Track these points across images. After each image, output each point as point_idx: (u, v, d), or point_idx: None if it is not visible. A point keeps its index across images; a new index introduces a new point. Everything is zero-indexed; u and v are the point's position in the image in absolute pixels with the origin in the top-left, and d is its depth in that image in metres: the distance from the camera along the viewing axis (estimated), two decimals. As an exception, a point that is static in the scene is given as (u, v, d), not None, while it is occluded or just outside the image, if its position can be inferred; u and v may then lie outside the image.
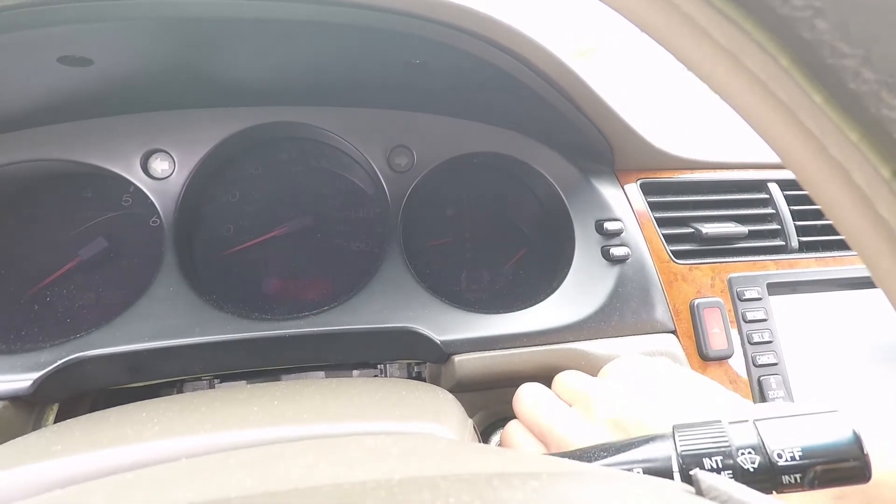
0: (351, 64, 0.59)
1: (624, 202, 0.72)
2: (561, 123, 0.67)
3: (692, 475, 0.24)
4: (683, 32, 0.17)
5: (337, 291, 0.67)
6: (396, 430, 0.33)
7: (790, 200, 0.78)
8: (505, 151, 0.72)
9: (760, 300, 0.72)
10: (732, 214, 0.77)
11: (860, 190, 0.16)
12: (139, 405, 0.40)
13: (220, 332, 0.58)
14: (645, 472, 0.32)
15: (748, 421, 0.33)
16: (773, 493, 0.31)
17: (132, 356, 0.56)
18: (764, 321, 0.71)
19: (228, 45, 0.53)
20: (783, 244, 0.76)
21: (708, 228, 0.72)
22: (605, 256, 0.68)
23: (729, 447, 0.31)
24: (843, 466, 0.31)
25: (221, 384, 0.65)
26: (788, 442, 0.31)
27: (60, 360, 0.54)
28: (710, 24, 0.16)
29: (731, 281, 0.72)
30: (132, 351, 0.56)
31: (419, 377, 0.70)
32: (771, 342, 0.70)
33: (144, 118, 0.64)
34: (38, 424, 0.56)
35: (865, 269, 0.17)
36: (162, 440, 0.31)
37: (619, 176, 0.75)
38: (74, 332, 0.57)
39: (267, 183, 0.71)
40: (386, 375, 0.68)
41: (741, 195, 0.78)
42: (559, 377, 0.48)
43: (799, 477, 0.31)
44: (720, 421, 0.33)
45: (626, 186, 0.74)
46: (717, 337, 0.68)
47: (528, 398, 0.45)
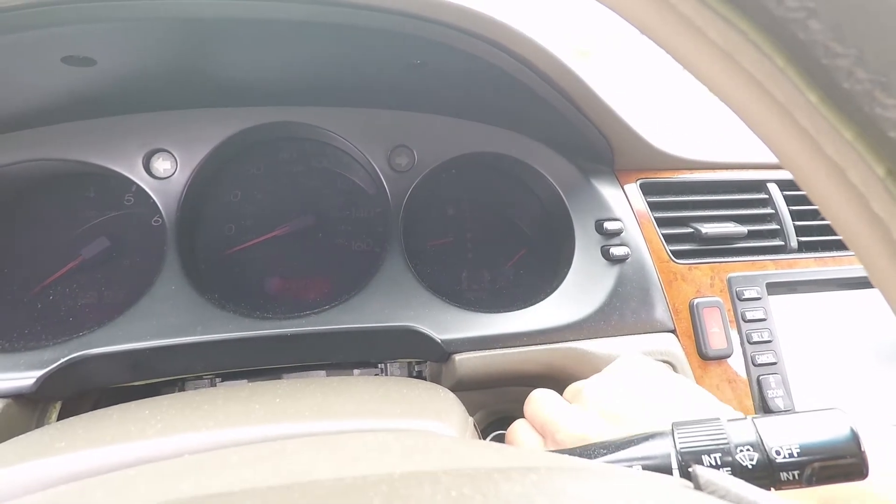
0: (352, 64, 0.59)
1: (624, 202, 0.73)
2: (561, 124, 0.68)
3: (691, 471, 0.24)
4: (680, 33, 0.17)
5: (338, 291, 0.67)
6: (398, 427, 0.33)
7: (789, 200, 0.79)
8: (505, 151, 0.72)
9: (760, 300, 0.72)
10: (732, 214, 0.77)
11: (856, 188, 0.16)
12: (141, 403, 0.40)
13: (221, 330, 0.58)
14: (644, 468, 0.32)
15: (746, 419, 0.33)
16: (771, 489, 0.31)
17: (134, 355, 0.57)
18: (763, 321, 0.71)
19: (230, 45, 0.53)
20: (782, 244, 0.76)
21: (707, 228, 0.73)
22: (604, 256, 0.69)
23: (727, 444, 0.32)
24: (840, 463, 0.31)
25: (223, 383, 0.65)
26: (786, 439, 0.31)
27: (63, 358, 0.54)
28: (706, 24, 0.16)
29: (730, 281, 0.72)
30: (134, 349, 0.56)
31: (420, 376, 0.70)
32: (770, 342, 0.70)
33: (146, 118, 0.64)
34: (41, 422, 0.56)
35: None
36: (164, 437, 0.31)
37: (618, 176, 0.75)
38: (77, 330, 0.57)
39: (268, 182, 0.71)
40: (387, 374, 0.69)
41: (740, 195, 0.78)
42: (570, 385, 0.49)
43: (797, 474, 0.31)
44: (719, 418, 0.33)
45: (625, 186, 0.75)
46: (716, 336, 0.68)
47: (537, 401, 0.46)
